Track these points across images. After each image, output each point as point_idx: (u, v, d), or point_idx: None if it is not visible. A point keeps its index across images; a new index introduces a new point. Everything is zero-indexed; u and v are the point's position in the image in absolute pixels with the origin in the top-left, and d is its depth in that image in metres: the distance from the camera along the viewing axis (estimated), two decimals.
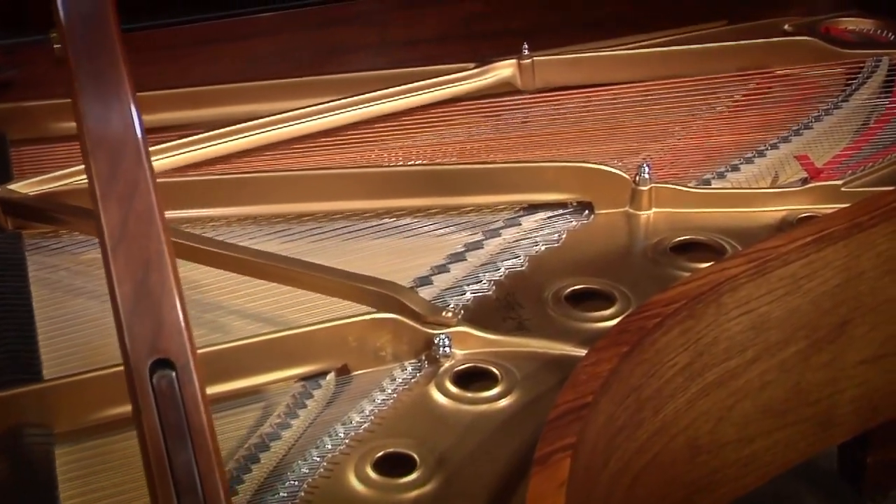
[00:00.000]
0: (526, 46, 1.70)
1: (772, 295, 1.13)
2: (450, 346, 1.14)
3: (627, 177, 1.40)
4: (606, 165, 1.42)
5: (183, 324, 0.67)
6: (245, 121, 1.56)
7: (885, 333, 1.26)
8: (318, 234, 1.42)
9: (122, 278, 0.64)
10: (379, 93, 1.62)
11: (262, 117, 1.57)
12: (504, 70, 1.69)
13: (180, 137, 1.52)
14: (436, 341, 1.14)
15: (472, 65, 1.69)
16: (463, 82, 1.67)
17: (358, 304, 1.21)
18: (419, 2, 1.84)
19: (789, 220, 1.39)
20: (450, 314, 1.16)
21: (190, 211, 1.42)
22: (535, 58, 1.69)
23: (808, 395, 1.22)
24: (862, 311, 1.22)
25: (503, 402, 1.11)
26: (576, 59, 1.71)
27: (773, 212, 1.41)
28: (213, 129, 1.56)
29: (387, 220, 1.43)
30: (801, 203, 1.41)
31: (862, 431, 1.33)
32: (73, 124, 0.79)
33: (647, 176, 1.40)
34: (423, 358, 1.16)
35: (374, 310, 1.19)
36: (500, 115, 1.66)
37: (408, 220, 1.42)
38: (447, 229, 1.40)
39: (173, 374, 0.67)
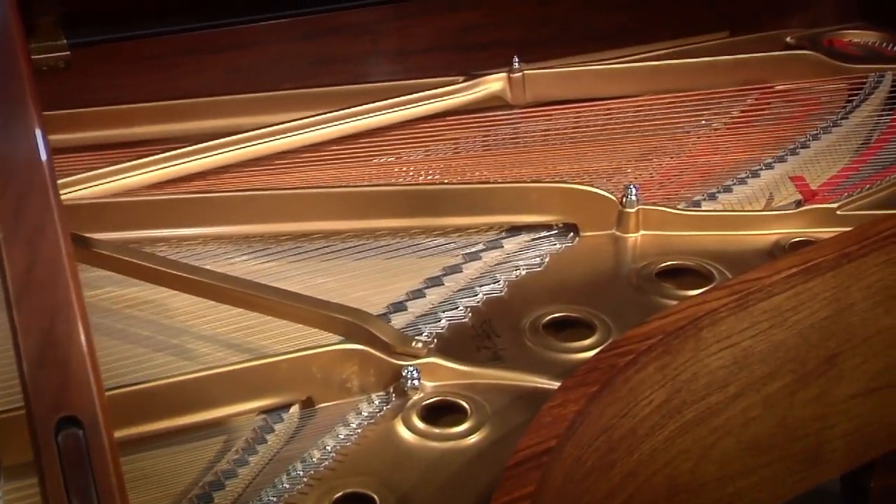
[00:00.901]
0: (516, 59, 1.64)
1: (755, 328, 1.07)
2: (418, 379, 1.09)
3: (614, 198, 1.35)
4: (592, 186, 1.36)
5: (92, 378, 0.62)
6: (226, 135, 1.51)
7: (878, 366, 1.20)
8: (297, 253, 1.38)
9: (26, 329, 0.60)
10: (363, 107, 1.57)
11: (243, 132, 1.52)
12: (494, 84, 1.64)
13: (162, 152, 1.48)
14: (404, 373, 1.09)
15: (460, 78, 1.64)
16: (451, 97, 1.62)
17: (326, 332, 1.15)
18: (412, 12, 1.79)
19: (782, 245, 1.34)
20: (419, 345, 1.11)
21: (166, 230, 1.36)
22: (525, 71, 1.64)
23: (795, 431, 1.17)
24: (853, 344, 1.17)
25: (472, 439, 1.06)
26: (568, 73, 1.66)
27: (766, 235, 1.35)
28: (193, 144, 1.50)
29: (366, 241, 1.38)
30: (794, 226, 1.36)
31: (853, 467, 1.27)
32: None
33: (634, 198, 1.35)
34: (392, 390, 1.10)
35: (341, 339, 1.14)
36: (488, 131, 1.60)
37: (387, 241, 1.37)
38: (427, 251, 1.36)
39: (81, 432, 0.62)
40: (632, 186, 1.35)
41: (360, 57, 1.79)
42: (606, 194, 1.35)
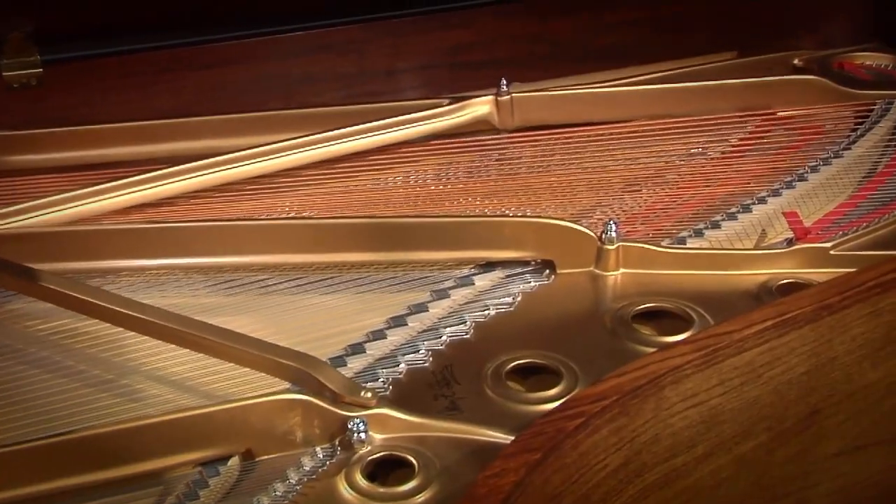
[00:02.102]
0: (504, 82, 1.57)
1: (725, 386, 1.00)
2: (365, 431, 1.02)
3: (592, 234, 1.28)
4: (570, 221, 1.29)
5: None
6: (202, 158, 1.45)
7: (865, 423, 1.12)
8: (263, 286, 1.32)
9: None
10: (342, 131, 1.51)
11: (220, 154, 1.45)
12: (480, 107, 1.57)
13: (133, 175, 1.44)
14: (350, 425, 1.02)
15: (445, 101, 1.56)
16: (435, 120, 1.55)
17: (274, 377, 1.09)
18: (401, 30, 1.72)
19: (770, 287, 1.26)
20: (369, 394, 1.04)
21: (127, 261, 1.30)
22: (514, 94, 1.56)
23: (773, 491, 1.09)
24: (836, 400, 1.09)
25: (418, 499, 0.99)
26: (558, 97, 1.59)
27: (754, 276, 1.27)
28: (167, 167, 1.43)
29: (334, 275, 1.31)
30: (784, 266, 1.28)
31: None
32: None
33: (613, 234, 1.27)
34: (337, 443, 1.03)
35: (289, 386, 1.09)
36: (472, 156, 1.53)
37: (355, 275, 1.31)
38: (395, 287, 1.29)
39: None
40: (611, 222, 1.28)
41: (347, 76, 1.72)
42: (584, 230, 1.28)
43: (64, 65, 1.58)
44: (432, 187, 1.47)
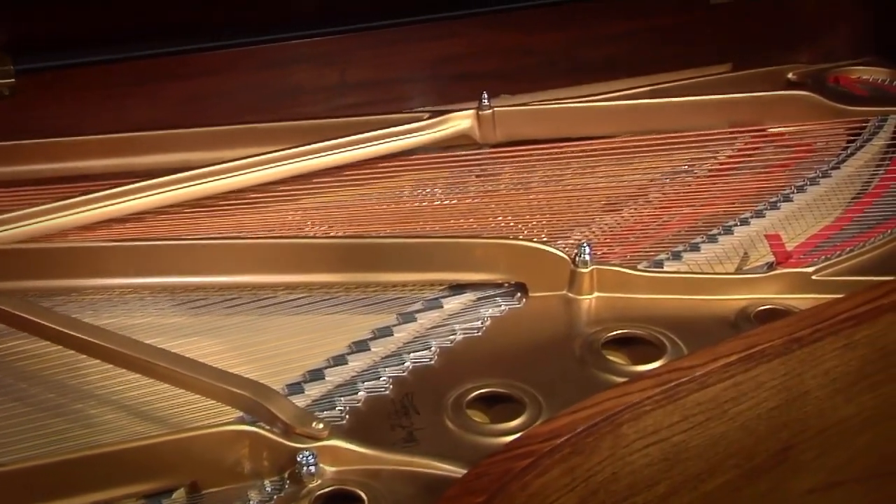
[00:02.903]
0: (486, 96, 1.52)
1: (688, 422, 0.96)
2: (315, 464, 0.98)
3: (566, 256, 1.23)
4: (542, 243, 1.25)
5: None
6: (174, 172, 1.41)
7: (840, 459, 1.08)
8: (229, 306, 1.29)
9: None
10: (317, 145, 1.47)
11: (194, 168, 1.42)
12: (461, 121, 1.53)
13: (108, 188, 1.40)
14: (299, 458, 0.98)
15: (425, 114, 1.52)
16: (414, 134, 1.50)
17: (225, 405, 1.05)
18: (385, 41, 1.68)
19: (748, 313, 1.21)
20: (321, 425, 1.00)
21: (90, 280, 1.27)
22: (495, 108, 1.52)
23: None
24: (809, 435, 1.05)
25: None
26: (541, 111, 1.55)
27: (733, 301, 1.23)
28: (137, 180, 1.40)
29: (300, 295, 1.28)
30: (764, 292, 1.24)
31: None
32: None
33: (587, 257, 1.23)
34: (287, 476, 1.00)
35: (241, 414, 1.06)
36: (451, 172, 1.49)
37: (322, 296, 1.27)
38: (361, 308, 1.25)
39: None
40: (585, 245, 1.24)
41: (329, 87, 1.68)
42: (557, 252, 1.24)
43: (38, 74, 1.55)
44: (409, 204, 1.43)
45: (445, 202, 1.43)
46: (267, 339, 1.22)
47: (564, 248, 1.28)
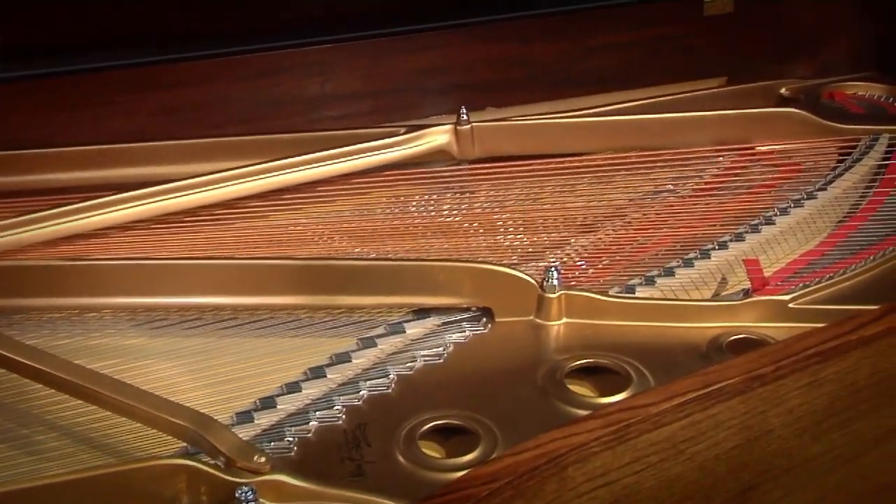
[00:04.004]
0: (464, 110, 1.49)
1: (641, 463, 0.91)
2: (255, 500, 0.94)
3: (533, 281, 1.19)
4: (508, 267, 1.20)
5: None
6: (140, 186, 1.38)
7: (808, 498, 1.04)
8: (190, 328, 1.26)
9: None
10: (290, 160, 1.43)
11: (163, 182, 1.39)
12: (439, 136, 1.49)
13: (73, 202, 1.37)
14: (237, 493, 0.94)
15: (401, 129, 1.48)
16: (390, 150, 1.47)
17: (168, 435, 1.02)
18: (366, 52, 1.64)
19: (720, 342, 1.17)
20: (262, 459, 0.97)
21: (46, 299, 1.24)
22: (474, 123, 1.48)
23: None
24: (773, 475, 1.00)
25: None
26: (521, 127, 1.51)
27: (706, 329, 1.18)
28: (105, 194, 1.37)
29: (263, 316, 1.24)
30: (738, 320, 1.20)
31: None
32: None
33: (555, 282, 1.19)
34: None
35: (183, 447, 1.03)
36: (425, 190, 1.45)
37: (285, 318, 1.23)
38: (322, 332, 1.22)
39: None
40: (553, 269, 1.19)
41: (310, 99, 1.64)
42: (524, 276, 1.20)
43: (11, 84, 1.52)
44: (381, 222, 1.39)
45: (417, 221, 1.38)
46: (224, 362, 1.19)
47: (536, 270, 1.22)
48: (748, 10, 1.77)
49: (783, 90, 1.67)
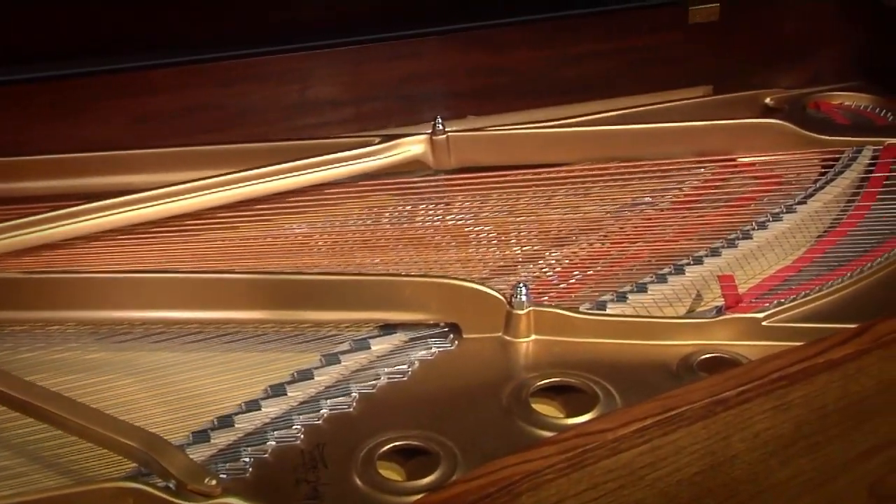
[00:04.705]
0: (439, 120, 1.46)
1: (598, 490, 0.89)
2: None
3: (501, 297, 1.16)
4: (477, 282, 1.18)
5: None
6: (109, 196, 1.36)
7: None
8: (154, 341, 1.24)
9: None
10: (261, 170, 1.40)
11: (133, 192, 1.37)
12: (414, 146, 1.46)
13: (45, 211, 1.35)
14: None
15: (376, 139, 1.46)
16: (364, 159, 1.44)
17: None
18: (346, 60, 1.62)
19: (691, 361, 1.14)
20: (213, 482, 0.94)
21: (10, 312, 1.21)
22: (450, 133, 1.45)
23: None
24: (738, 501, 0.98)
25: None
26: (498, 137, 1.48)
27: (678, 347, 1.15)
28: (72, 204, 1.34)
29: (230, 330, 1.21)
30: (711, 338, 1.17)
31: None
32: None
33: (523, 298, 1.16)
34: None
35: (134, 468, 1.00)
36: (398, 201, 1.43)
37: (252, 332, 1.20)
38: (287, 347, 1.19)
39: None
40: (521, 285, 1.17)
41: (288, 106, 1.62)
42: (492, 292, 1.17)
43: None
44: (353, 234, 1.37)
45: (389, 233, 1.36)
46: (186, 378, 1.17)
47: (507, 285, 1.20)
48: (734, 18, 1.74)
49: (768, 100, 1.64)
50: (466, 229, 1.37)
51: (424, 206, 1.42)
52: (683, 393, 0.91)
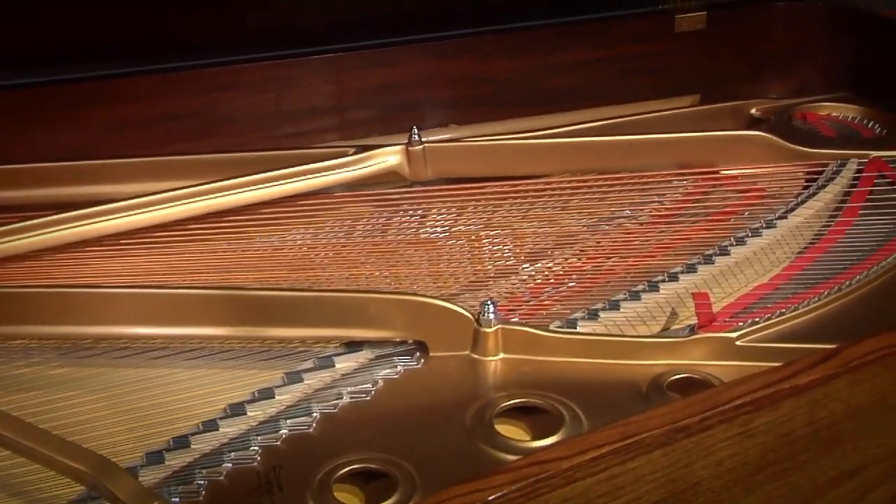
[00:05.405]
0: (416, 131, 1.43)
1: None
2: None
3: (468, 314, 1.14)
4: (443, 299, 1.15)
5: None
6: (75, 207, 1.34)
7: None
8: (117, 357, 1.21)
9: None
10: (231, 181, 1.38)
11: (97, 203, 1.34)
12: (390, 157, 1.43)
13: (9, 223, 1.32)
14: None
15: (351, 149, 1.43)
16: (338, 171, 1.41)
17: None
18: (322, 68, 1.59)
19: (662, 382, 1.11)
20: None
21: None
22: (426, 144, 1.43)
23: None
24: None
25: None
26: (475, 148, 1.46)
27: (649, 366, 1.13)
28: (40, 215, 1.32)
29: (195, 346, 1.19)
30: (683, 357, 1.14)
31: None
32: None
33: (491, 315, 1.13)
34: None
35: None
36: (371, 213, 1.40)
37: (217, 348, 1.18)
38: (250, 364, 1.17)
39: None
40: (489, 302, 1.14)
41: (264, 116, 1.59)
42: (459, 309, 1.15)
43: None
44: (323, 248, 1.34)
45: (360, 247, 1.33)
46: (147, 395, 1.15)
47: (477, 302, 1.17)
48: (721, 27, 1.72)
49: (753, 110, 1.61)
50: (440, 243, 1.34)
51: (398, 218, 1.38)
52: (643, 420, 0.88)
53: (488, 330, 1.15)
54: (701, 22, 1.68)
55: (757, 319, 1.16)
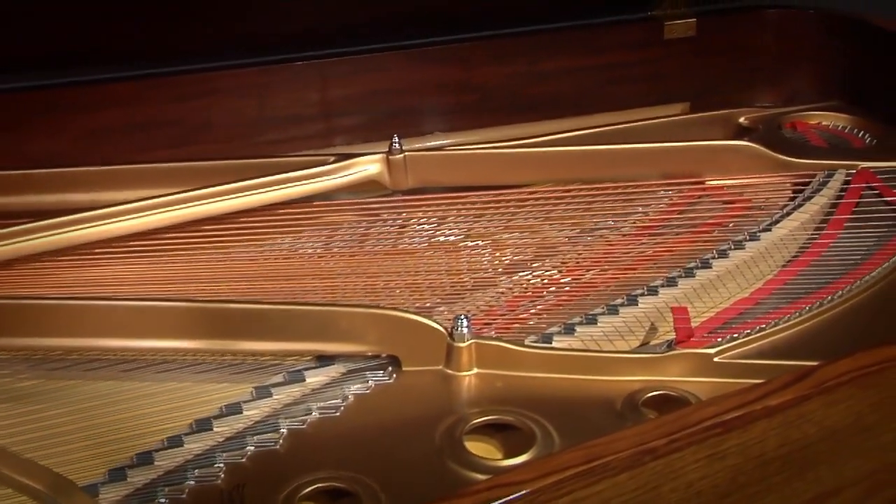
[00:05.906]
0: (396, 139, 1.41)
1: None
2: None
3: (441, 329, 1.11)
4: (415, 313, 1.13)
5: None
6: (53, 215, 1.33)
7: None
8: (88, 369, 1.20)
9: None
10: (207, 190, 1.36)
11: (73, 211, 1.32)
12: (370, 166, 1.41)
13: None
14: None
15: (330, 158, 1.41)
16: (316, 179, 1.39)
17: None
18: (307, 75, 1.57)
19: (637, 399, 1.09)
20: None
21: None
22: (407, 153, 1.40)
23: None
24: None
25: None
26: (457, 156, 1.44)
27: (625, 383, 1.10)
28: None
29: (166, 358, 1.17)
30: (660, 374, 1.12)
31: None
32: None
33: (465, 330, 1.11)
34: None
35: None
36: (348, 223, 1.38)
37: (189, 361, 1.16)
38: (219, 379, 1.15)
39: None
40: (462, 317, 1.12)
41: (247, 122, 1.57)
42: (431, 323, 1.13)
43: None
44: (297, 258, 1.32)
45: (336, 258, 1.31)
46: (114, 409, 1.13)
47: (452, 315, 1.15)
48: (711, 34, 1.69)
49: (742, 119, 1.59)
50: (418, 254, 1.31)
51: (377, 228, 1.36)
52: (609, 441, 0.86)
53: (462, 345, 1.13)
54: (691, 29, 1.66)
55: (735, 335, 1.13)
